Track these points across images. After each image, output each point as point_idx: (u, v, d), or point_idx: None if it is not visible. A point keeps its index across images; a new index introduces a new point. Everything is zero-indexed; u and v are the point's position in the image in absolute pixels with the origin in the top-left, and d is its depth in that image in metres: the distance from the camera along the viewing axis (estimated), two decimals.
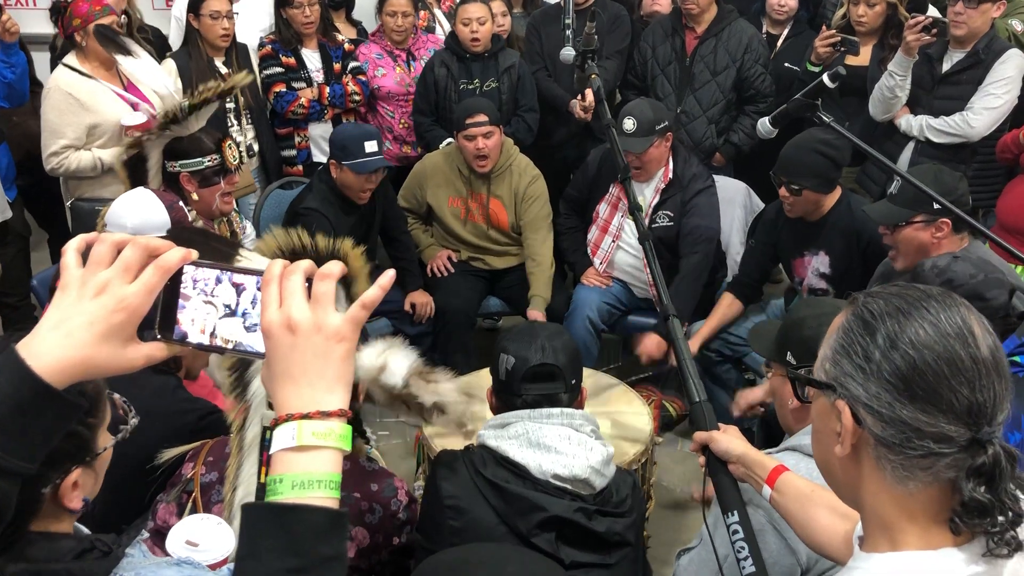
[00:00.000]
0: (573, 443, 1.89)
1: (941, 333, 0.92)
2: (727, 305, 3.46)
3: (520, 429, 1.91)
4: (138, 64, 3.25)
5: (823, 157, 3.04)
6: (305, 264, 0.90)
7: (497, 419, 1.99)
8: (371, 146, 3.44)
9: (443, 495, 1.89)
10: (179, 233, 1.87)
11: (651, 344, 3.48)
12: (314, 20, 4.13)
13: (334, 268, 0.90)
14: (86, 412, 1.20)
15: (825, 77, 2.32)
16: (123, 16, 3.97)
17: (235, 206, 3.17)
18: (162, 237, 0.92)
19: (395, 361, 1.72)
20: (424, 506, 1.96)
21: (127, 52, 3.25)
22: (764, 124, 2.37)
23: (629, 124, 3.39)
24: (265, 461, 0.89)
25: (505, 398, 2.01)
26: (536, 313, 3.66)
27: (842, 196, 3.18)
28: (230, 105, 3.90)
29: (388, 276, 0.92)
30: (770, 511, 1.57)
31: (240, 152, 3.03)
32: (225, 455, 1.79)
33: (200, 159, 2.85)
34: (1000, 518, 0.89)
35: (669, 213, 3.56)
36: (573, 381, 2.00)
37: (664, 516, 3.18)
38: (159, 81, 3.25)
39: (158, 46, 4.10)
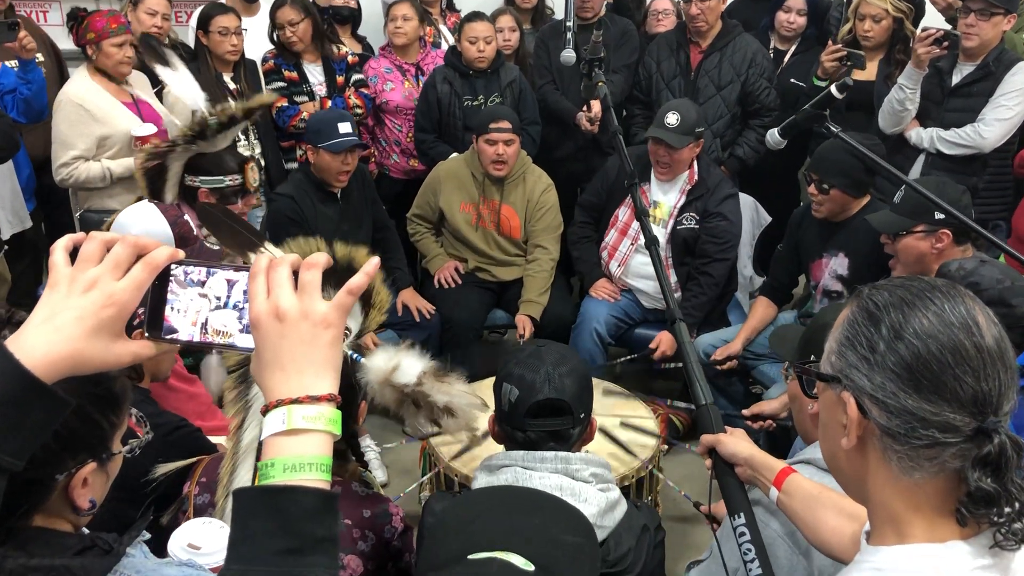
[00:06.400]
0: (565, 493, 1.73)
1: (945, 323, 0.92)
2: (764, 307, 3.50)
3: (510, 476, 1.79)
4: (176, 77, 3.30)
5: (857, 159, 3.02)
6: (291, 257, 0.92)
7: (491, 460, 1.87)
8: (345, 127, 3.49)
9: None
10: (206, 211, 1.80)
11: (667, 340, 3.51)
12: (299, 38, 4.12)
13: (319, 258, 0.91)
14: (111, 409, 1.19)
15: (833, 88, 2.32)
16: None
17: None
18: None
19: (408, 362, 1.66)
20: (416, 552, 1.85)
21: (167, 64, 3.30)
22: (773, 135, 2.38)
23: (672, 119, 3.42)
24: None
25: (507, 431, 1.88)
26: (524, 319, 3.66)
27: (870, 203, 3.18)
28: None
29: (373, 263, 0.94)
30: (785, 521, 1.55)
31: (260, 174, 3.04)
32: (220, 474, 1.75)
33: (221, 177, 2.86)
34: (1007, 509, 0.88)
35: (695, 215, 3.58)
36: (582, 414, 1.86)
37: (671, 529, 3.12)
38: (194, 96, 3.29)
39: (188, 61, 4.15)
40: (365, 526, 1.78)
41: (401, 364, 1.63)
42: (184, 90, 3.29)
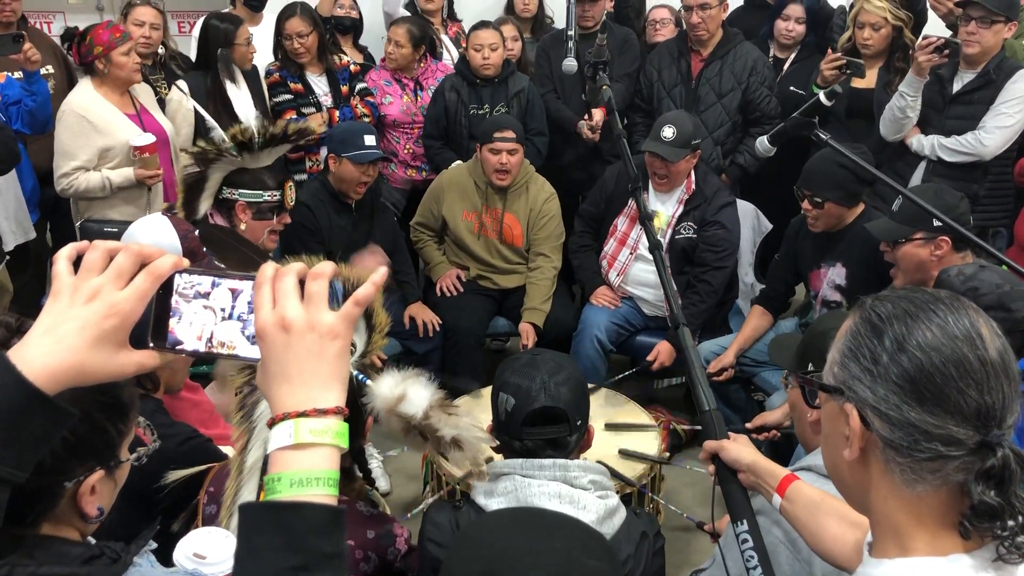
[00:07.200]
0: (564, 501, 1.75)
1: (949, 335, 0.92)
2: (758, 316, 3.49)
3: (509, 485, 1.79)
4: (238, 93, 3.43)
5: (846, 170, 3.03)
6: (297, 266, 0.91)
7: (490, 468, 1.83)
8: (370, 140, 3.53)
9: (431, 555, 1.80)
10: (210, 231, 1.77)
11: (666, 351, 3.51)
12: (306, 50, 4.13)
13: (326, 268, 0.90)
14: (119, 416, 1.20)
15: (822, 95, 2.34)
16: (161, 47, 4.10)
17: None
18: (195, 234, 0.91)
19: (415, 392, 1.62)
20: (420, 564, 1.85)
21: (234, 81, 3.50)
22: (763, 142, 2.39)
23: (668, 132, 3.42)
24: (263, 486, 0.88)
25: (504, 440, 1.88)
26: (528, 328, 3.66)
27: (865, 211, 3.17)
28: None
29: (380, 273, 0.93)
30: (787, 529, 1.55)
31: (296, 193, 3.09)
32: (224, 493, 1.73)
33: (260, 192, 2.87)
34: (1010, 522, 0.88)
35: (693, 225, 3.59)
36: (579, 422, 1.86)
37: (673, 538, 3.13)
38: (246, 111, 3.33)
39: (186, 70, 4.16)
40: (368, 547, 1.76)
41: (408, 394, 1.58)
42: (241, 106, 3.34)
